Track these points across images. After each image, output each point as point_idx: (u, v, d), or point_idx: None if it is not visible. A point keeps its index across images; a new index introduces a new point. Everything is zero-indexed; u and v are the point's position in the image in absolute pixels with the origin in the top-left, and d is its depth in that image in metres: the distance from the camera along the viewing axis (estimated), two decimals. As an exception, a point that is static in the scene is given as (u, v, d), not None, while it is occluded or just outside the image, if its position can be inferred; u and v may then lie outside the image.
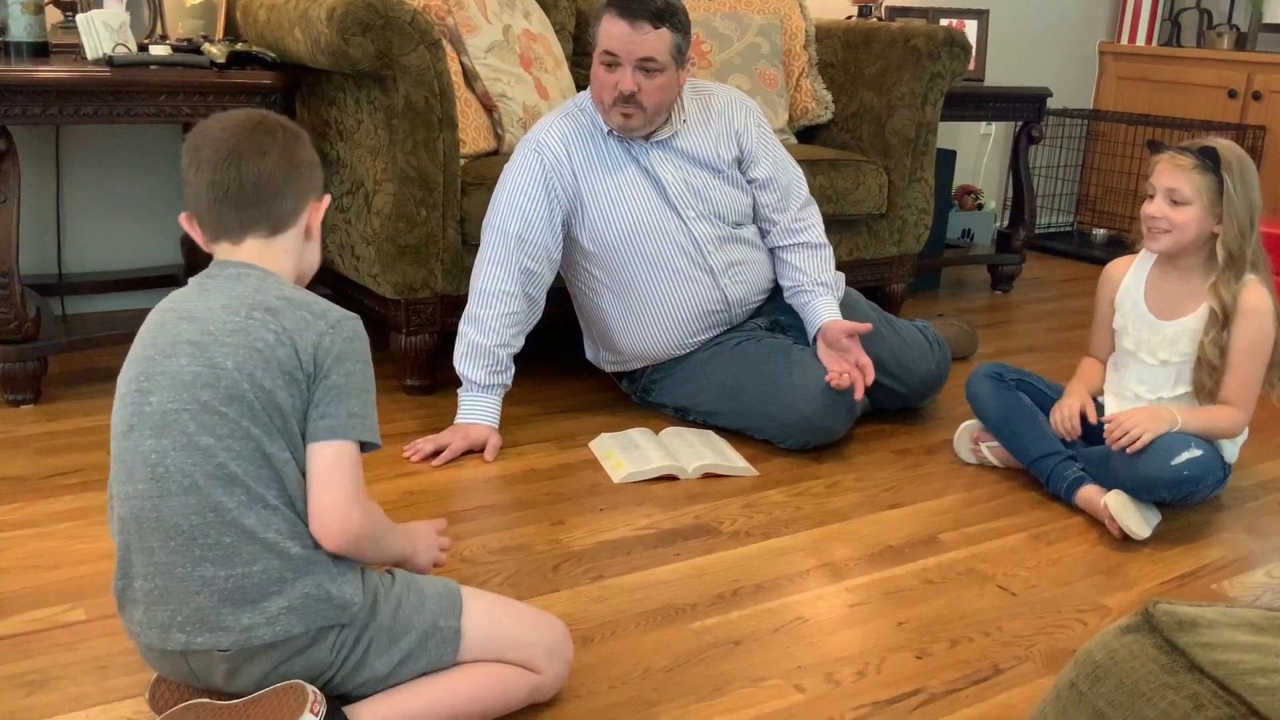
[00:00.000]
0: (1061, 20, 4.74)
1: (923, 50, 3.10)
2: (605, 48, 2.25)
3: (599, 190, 2.35)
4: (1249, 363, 2.09)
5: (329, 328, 1.30)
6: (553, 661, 1.44)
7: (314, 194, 1.40)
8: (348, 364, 1.30)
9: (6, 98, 2.22)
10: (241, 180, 1.32)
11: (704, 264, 2.41)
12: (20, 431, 2.28)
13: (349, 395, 1.30)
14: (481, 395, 2.30)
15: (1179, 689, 0.73)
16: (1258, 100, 4.40)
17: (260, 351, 1.27)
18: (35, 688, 1.46)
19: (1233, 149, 2.10)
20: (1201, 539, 2.10)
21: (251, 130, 1.34)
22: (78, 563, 1.77)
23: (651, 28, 2.22)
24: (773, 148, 2.50)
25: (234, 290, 1.32)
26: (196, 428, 1.25)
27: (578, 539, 1.95)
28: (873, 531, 2.05)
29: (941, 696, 1.56)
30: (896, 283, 3.29)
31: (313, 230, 1.40)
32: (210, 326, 1.29)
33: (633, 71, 2.24)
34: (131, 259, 3.03)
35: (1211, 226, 2.08)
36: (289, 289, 1.34)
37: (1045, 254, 4.59)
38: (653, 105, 2.29)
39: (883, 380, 2.48)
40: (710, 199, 2.41)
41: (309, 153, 1.40)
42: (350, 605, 1.31)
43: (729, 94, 2.52)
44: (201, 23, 2.76)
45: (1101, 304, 2.29)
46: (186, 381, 1.27)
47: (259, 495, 1.26)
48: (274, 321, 1.28)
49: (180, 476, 1.26)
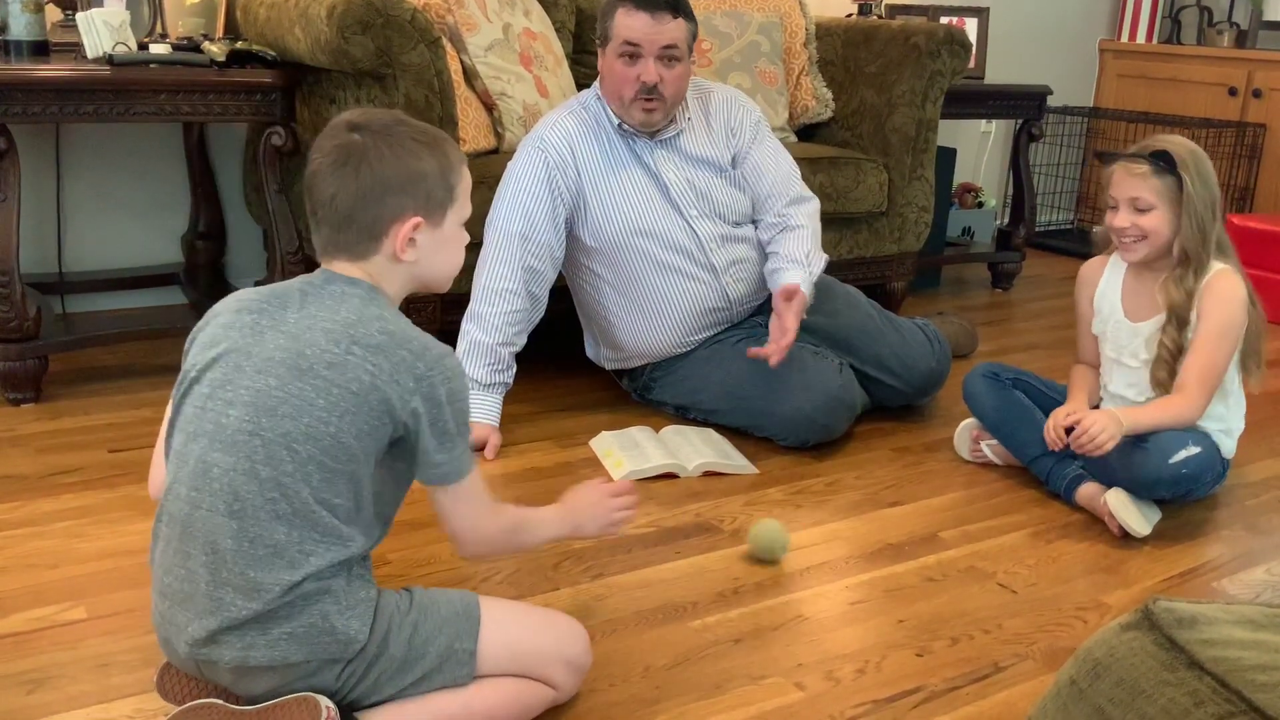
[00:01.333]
0: (1062, 18, 4.73)
1: (923, 48, 3.10)
2: (626, 39, 2.26)
3: (603, 188, 2.36)
4: (1211, 348, 2.06)
5: (428, 370, 1.28)
6: (571, 675, 1.43)
7: (396, 215, 1.31)
8: (454, 405, 1.30)
9: (6, 96, 2.22)
10: (326, 200, 1.30)
11: (706, 262, 2.41)
12: (20, 430, 2.28)
13: (458, 436, 1.32)
14: (482, 394, 2.30)
15: (1179, 685, 0.73)
16: (1258, 98, 4.39)
17: (355, 395, 1.25)
18: (35, 686, 1.46)
19: (1185, 145, 2.09)
20: (1202, 536, 2.10)
21: (336, 152, 1.30)
22: (78, 561, 1.77)
23: (670, 17, 2.26)
24: (765, 144, 2.50)
25: (336, 313, 1.28)
26: (265, 455, 1.23)
27: (578, 537, 1.95)
28: (873, 529, 2.05)
29: (942, 694, 1.56)
30: (897, 280, 3.29)
31: (400, 253, 1.32)
32: (308, 350, 1.26)
33: (654, 62, 2.26)
34: (132, 258, 3.03)
35: (1179, 224, 2.07)
36: (390, 318, 1.30)
37: (1046, 252, 4.59)
38: (673, 95, 2.32)
39: (883, 378, 2.49)
40: (713, 198, 2.42)
41: (389, 172, 1.30)
42: (354, 642, 1.28)
43: (727, 93, 2.54)
44: (201, 21, 2.76)
45: (1081, 306, 2.29)
46: (271, 406, 1.24)
47: (300, 536, 1.24)
48: (374, 361, 1.26)
49: (233, 499, 1.24)
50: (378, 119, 1.34)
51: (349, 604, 1.28)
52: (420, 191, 1.33)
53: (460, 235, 1.41)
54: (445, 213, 1.36)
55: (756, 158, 2.48)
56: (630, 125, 2.36)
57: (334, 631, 1.26)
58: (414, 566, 1.81)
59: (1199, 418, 2.10)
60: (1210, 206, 2.06)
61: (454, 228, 1.38)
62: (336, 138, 1.32)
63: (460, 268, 1.43)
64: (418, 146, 1.33)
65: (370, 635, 1.29)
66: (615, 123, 2.37)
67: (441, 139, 1.37)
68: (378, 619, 1.31)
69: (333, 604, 1.26)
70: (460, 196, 1.38)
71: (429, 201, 1.34)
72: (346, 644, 1.27)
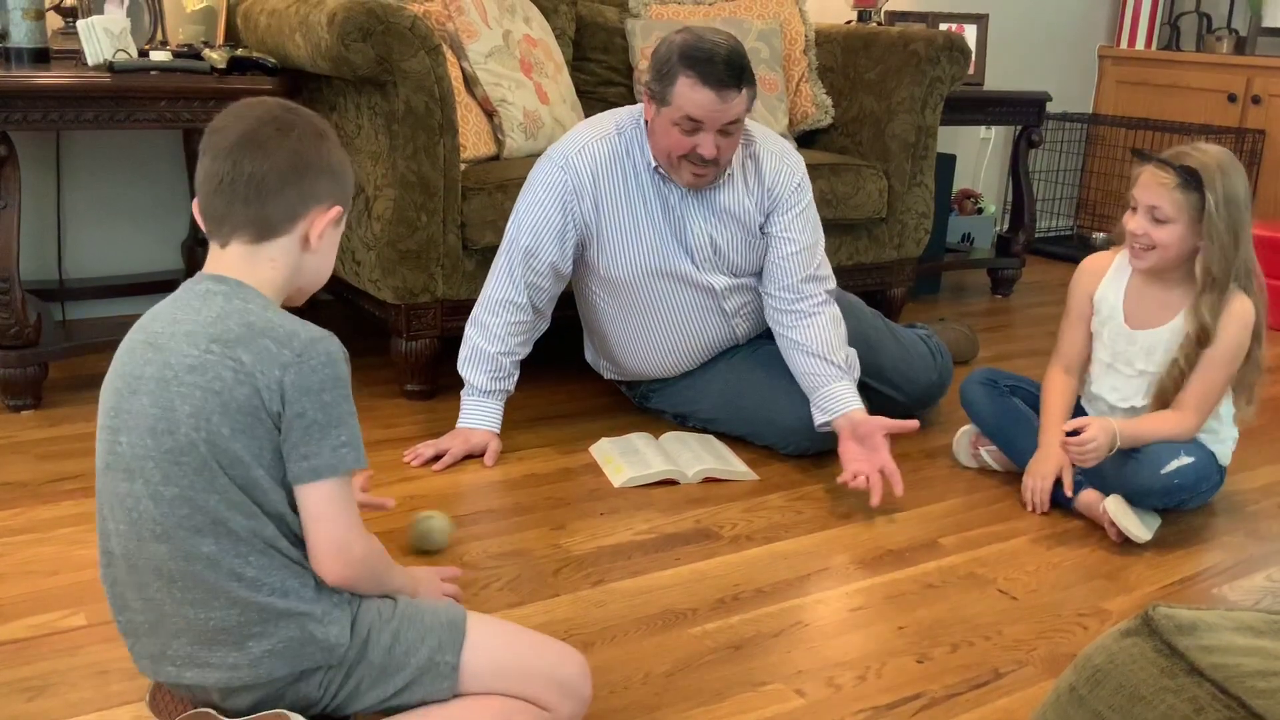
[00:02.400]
0: (1061, 24, 4.74)
1: (922, 55, 3.10)
2: (689, 114, 2.10)
3: (618, 225, 2.28)
4: (1214, 373, 2.05)
5: (295, 357, 1.21)
6: (566, 699, 1.35)
7: (320, 201, 1.28)
8: (322, 395, 1.21)
9: (7, 103, 2.23)
10: (235, 175, 1.23)
11: (717, 307, 2.38)
12: (21, 437, 2.28)
13: (329, 428, 1.22)
14: (483, 400, 2.30)
15: (1179, 692, 0.73)
16: (1257, 104, 4.40)
17: (218, 394, 1.19)
18: (35, 693, 1.47)
19: (1218, 161, 2.01)
20: (1201, 543, 2.10)
21: (265, 123, 1.25)
22: (78, 568, 1.77)
23: (736, 93, 2.11)
24: (802, 208, 2.34)
25: (199, 314, 1.23)
26: (160, 477, 1.21)
27: (578, 544, 1.95)
28: (873, 536, 2.05)
29: (942, 701, 1.56)
30: (896, 287, 3.29)
31: (312, 241, 1.28)
32: (171, 360, 1.21)
33: (715, 135, 2.14)
34: (132, 264, 3.03)
35: (1195, 241, 2.03)
36: (256, 309, 1.24)
37: (1045, 258, 4.60)
38: (727, 160, 2.21)
39: (883, 389, 2.48)
40: (730, 258, 2.33)
41: (327, 156, 1.28)
42: (335, 648, 1.26)
43: (775, 147, 2.35)
44: (202, 28, 2.77)
45: (1078, 299, 2.22)
46: (149, 426, 1.21)
47: (232, 542, 1.21)
48: (233, 356, 1.20)
49: (152, 524, 1.22)
50: (303, 110, 1.31)
51: (324, 611, 1.26)
52: (346, 185, 1.32)
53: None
54: (346, 215, 1.34)
55: (785, 219, 2.32)
56: (674, 179, 2.24)
57: (314, 641, 1.25)
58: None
59: (1193, 436, 2.10)
60: (1234, 230, 2.00)
61: (341, 232, 1.35)
62: (266, 110, 1.27)
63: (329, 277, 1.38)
64: (340, 147, 1.33)
65: (350, 640, 1.28)
66: (650, 163, 2.25)
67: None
68: (358, 624, 1.29)
69: (307, 615, 1.25)
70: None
71: (346, 199, 1.32)
72: (329, 650, 1.26)
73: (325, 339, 1.24)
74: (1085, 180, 4.85)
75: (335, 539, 1.24)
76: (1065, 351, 2.26)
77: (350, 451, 1.24)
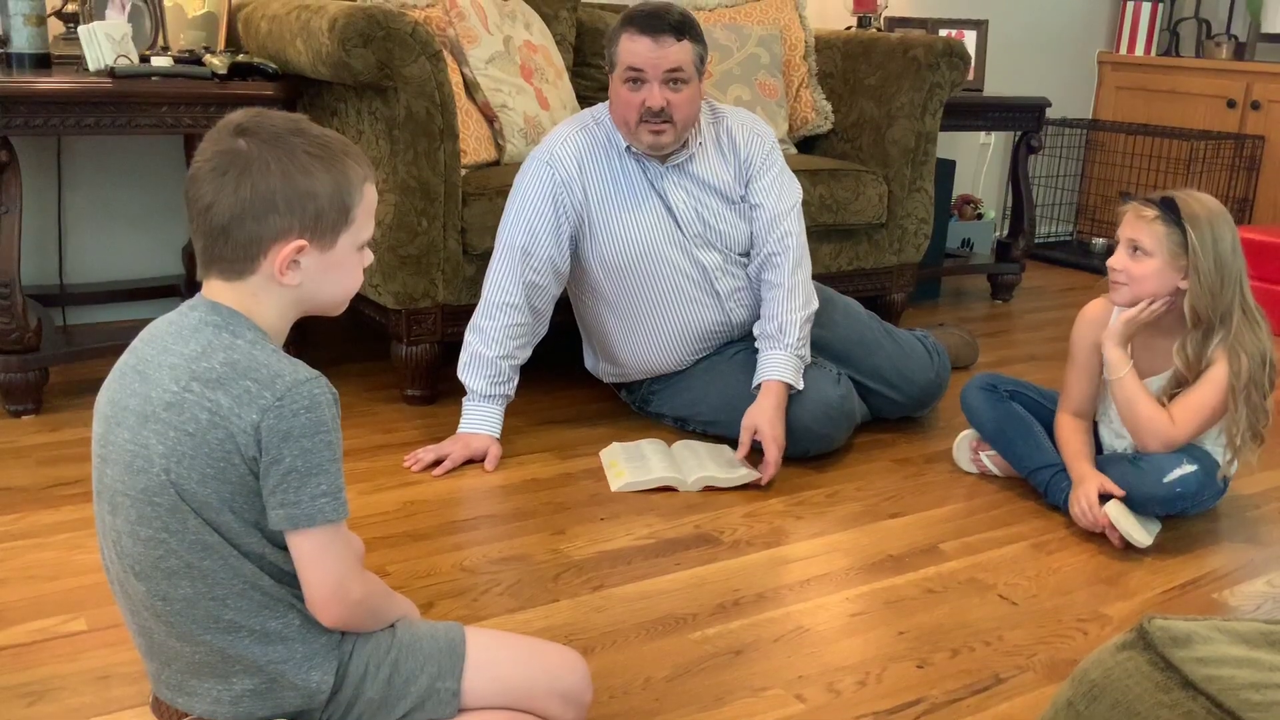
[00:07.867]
0: (1060, 30, 4.75)
1: (922, 60, 3.11)
2: (629, 64, 2.22)
3: (609, 210, 2.33)
4: (1205, 400, 2.03)
5: (275, 401, 1.15)
6: (569, 708, 1.35)
7: (275, 239, 1.17)
8: (302, 441, 1.15)
9: (9, 109, 2.23)
10: (193, 212, 1.17)
11: (710, 289, 2.40)
12: (21, 442, 2.28)
13: (308, 476, 1.16)
14: (483, 405, 2.31)
15: (1173, 707, 0.73)
16: (1256, 110, 4.41)
17: (192, 436, 1.15)
18: (36, 698, 1.46)
19: (1203, 203, 2.01)
20: (1202, 548, 2.10)
21: (210, 159, 1.17)
22: (78, 573, 1.77)
23: (674, 40, 2.21)
24: (773, 175, 2.41)
25: (187, 345, 1.18)
26: (136, 516, 1.18)
27: (578, 549, 1.95)
28: (873, 541, 2.05)
29: (942, 706, 1.55)
30: (896, 292, 3.30)
31: (280, 276, 1.19)
32: (152, 393, 1.17)
33: (660, 86, 2.22)
34: (133, 270, 3.03)
35: (1177, 281, 2.01)
36: (243, 346, 1.18)
37: (1045, 263, 4.60)
38: (683, 118, 2.27)
39: (881, 390, 2.49)
40: (719, 230, 2.38)
41: (273, 189, 1.16)
42: (316, 694, 1.24)
43: (741, 117, 2.46)
44: (203, 34, 2.77)
45: (1083, 349, 2.18)
46: (126, 462, 1.18)
47: (208, 585, 1.18)
48: (211, 398, 1.15)
49: (132, 561, 1.20)
50: (270, 124, 1.20)
51: (305, 654, 1.23)
52: (308, 212, 1.18)
53: (357, 258, 1.26)
54: (338, 235, 1.21)
55: (759, 186, 2.39)
56: (639, 149, 2.32)
57: (294, 686, 1.23)
58: (414, 578, 1.81)
59: (1174, 447, 2.08)
60: (1218, 270, 1.97)
61: (347, 251, 1.24)
62: (220, 142, 1.18)
63: (356, 290, 1.29)
64: (310, 161, 1.18)
65: (345, 678, 1.25)
66: (624, 145, 2.33)
67: (342, 153, 1.22)
68: (354, 661, 1.26)
69: (288, 660, 1.22)
70: (358, 218, 1.23)
71: (318, 223, 1.19)
72: (309, 696, 1.24)
73: (311, 381, 1.18)
74: (1085, 186, 4.85)
75: (329, 584, 1.21)
76: (1074, 398, 2.23)
77: (329, 502, 1.18)
